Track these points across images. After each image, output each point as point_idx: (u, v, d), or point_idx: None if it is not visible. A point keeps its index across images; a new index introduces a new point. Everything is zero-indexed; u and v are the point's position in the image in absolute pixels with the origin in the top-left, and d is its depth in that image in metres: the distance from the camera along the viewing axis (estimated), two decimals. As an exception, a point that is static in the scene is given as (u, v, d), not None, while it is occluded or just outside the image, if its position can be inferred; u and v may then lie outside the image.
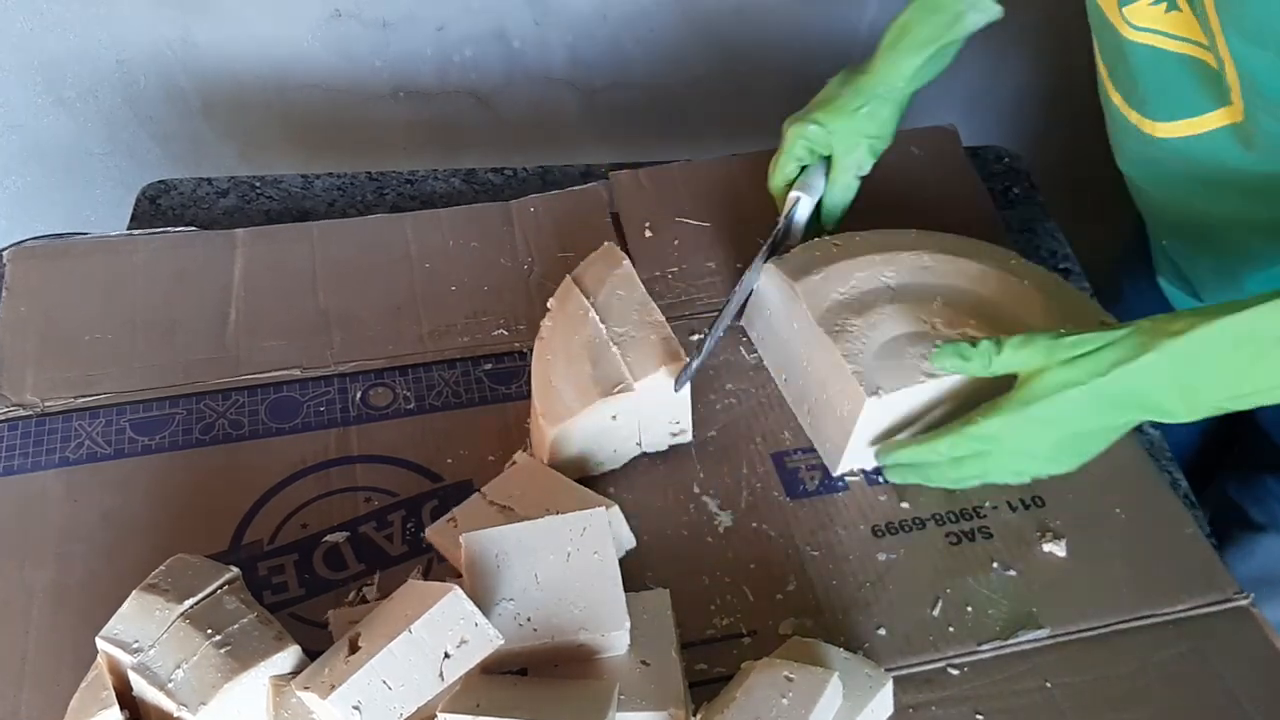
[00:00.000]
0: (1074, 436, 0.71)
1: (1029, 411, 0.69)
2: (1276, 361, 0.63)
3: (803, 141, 0.88)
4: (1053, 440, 0.71)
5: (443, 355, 0.88)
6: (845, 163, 0.89)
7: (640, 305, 0.79)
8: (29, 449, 0.79)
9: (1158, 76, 0.76)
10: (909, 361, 0.76)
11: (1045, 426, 0.70)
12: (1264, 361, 0.63)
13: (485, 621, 0.60)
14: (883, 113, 0.88)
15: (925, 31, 0.86)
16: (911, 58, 0.87)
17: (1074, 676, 0.71)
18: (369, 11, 1.22)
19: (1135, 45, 0.75)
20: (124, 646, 0.62)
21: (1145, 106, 0.79)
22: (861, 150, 0.88)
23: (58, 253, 0.92)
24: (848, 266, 0.82)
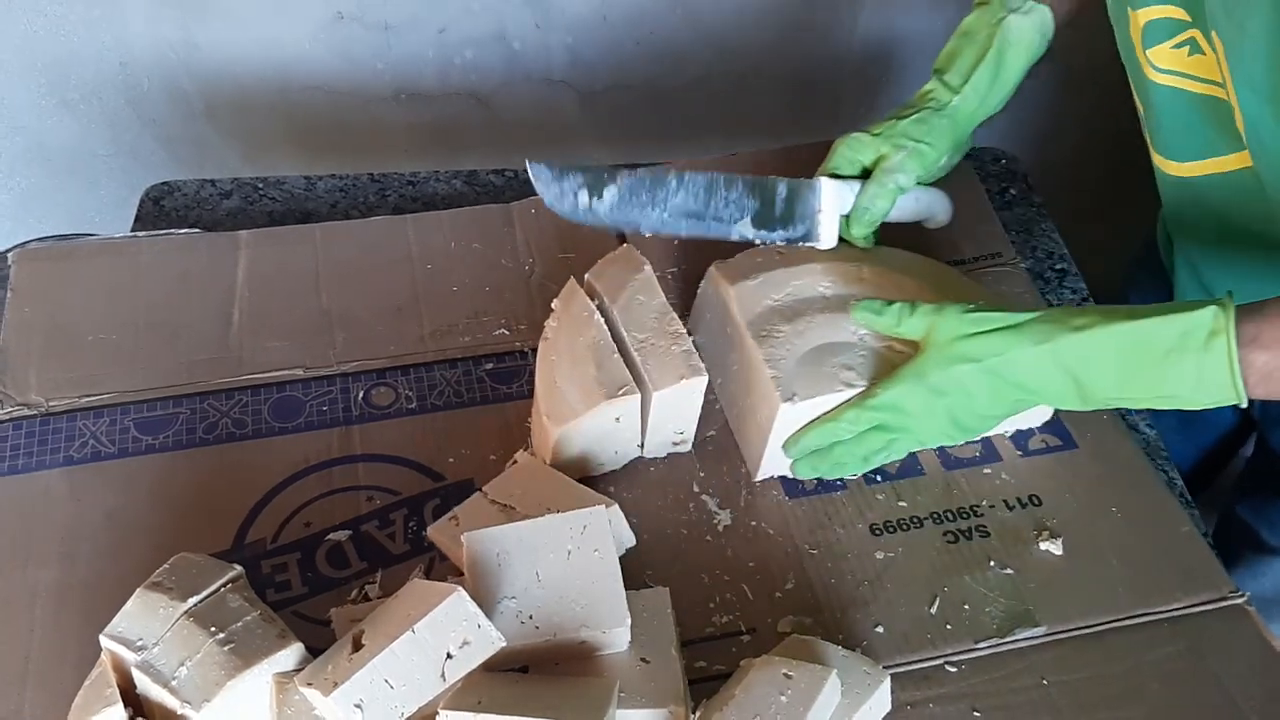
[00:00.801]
0: (968, 410, 0.72)
1: (926, 381, 0.71)
2: (1162, 373, 0.65)
3: (846, 150, 0.84)
4: (946, 410, 0.72)
5: (444, 355, 0.88)
6: (884, 166, 0.82)
7: (660, 313, 0.79)
8: (33, 448, 0.80)
9: (1177, 118, 0.76)
10: (828, 370, 0.77)
11: (939, 398, 0.72)
12: (1152, 371, 0.65)
13: (488, 623, 0.61)
14: (935, 121, 0.83)
15: (969, 47, 0.84)
16: (957, 74, 0.83)
17: (1070, 674, 0.72)
18: (371, 14, 1.23)
19: (1158, 87, 0.76)
20: (128, 644, 0.63)
21: (1166, 148, 0.80)
22: (902, 156, 0.82)
23: (62, 254, 0.93)
24: (786, 274, 0.83)
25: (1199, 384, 0.64)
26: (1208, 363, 0.63)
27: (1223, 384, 0.63)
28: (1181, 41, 0.72)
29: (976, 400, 0.71)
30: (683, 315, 0.80)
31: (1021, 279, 0.96)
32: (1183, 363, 0.64)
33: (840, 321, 0.80)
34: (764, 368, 0.76)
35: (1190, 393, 0.64)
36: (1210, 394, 0.64)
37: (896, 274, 0.85)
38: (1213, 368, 0.63)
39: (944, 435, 0.75)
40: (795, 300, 0.82)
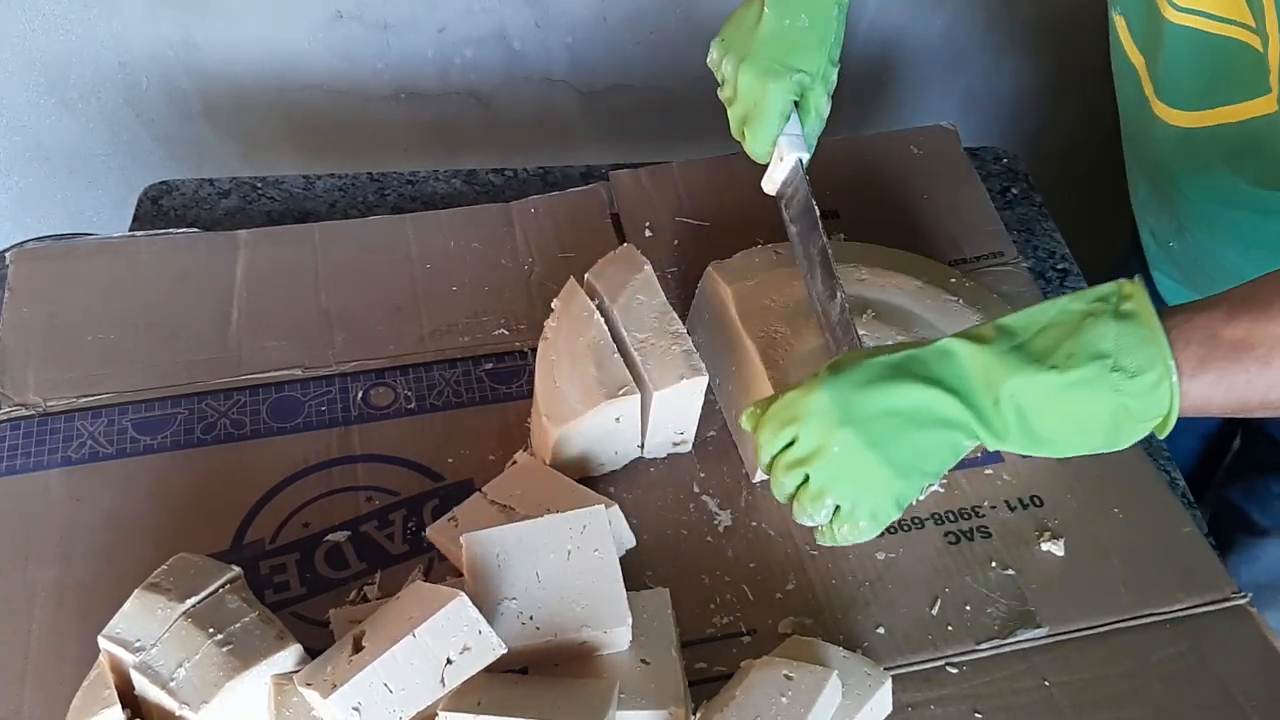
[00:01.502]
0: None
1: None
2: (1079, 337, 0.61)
3: (788, 96, 0.79)
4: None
5: (443, 355, 0.88)
6: (826, 89, 0.80)
7: (660, 313, 0.79)
8: (31, 449, 0.80)
9: (1192, 61, 0.74)
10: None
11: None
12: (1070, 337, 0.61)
13: (489, 630, 0.60)
14: (834, 15, 0.79)
15: None
16: None
17: (1072, 675, 0.72)
18: (370, 13, 1.22)
19: (1174, 27, 0.73)
20: (126, 645, 0.62)
21: (1173, 95, 0.77)
22: (833, 71, 0.80)
23: (60, 254, 0.92)
24: (784, 275, 0.82)
25: (1119, 346, 0.59)
26: (1126, 326, 0.59)
27: (1145, 347, 0.59)
28: None
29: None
30: (682, 315, 0.80)
31: (1023, 278, 0.96)
32: (1098, 324, 0.60)
33: None
34: (761, 369, 0.76)
35: (1113, 357, 0.59)
36: (1135, 356, 0.59)
37: (896, 274, 0.84)
38: (1130, 330, 0.59)
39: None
40: (793, 301, 0.81)
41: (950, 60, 1.38)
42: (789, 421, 0.65)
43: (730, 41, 0.81)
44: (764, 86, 0.78)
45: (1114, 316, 0.60)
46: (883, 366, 0.63)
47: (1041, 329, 0.61)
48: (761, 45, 0.78)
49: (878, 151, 1.06)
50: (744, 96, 0.80)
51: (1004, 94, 1.46)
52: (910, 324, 0.81)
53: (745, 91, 0.79)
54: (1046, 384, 0.60)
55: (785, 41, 0.78)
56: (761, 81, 0.78)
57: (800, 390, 0.65)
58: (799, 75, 0.78)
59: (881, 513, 0.65)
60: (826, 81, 0.80)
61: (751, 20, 0.80)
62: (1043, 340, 0.61)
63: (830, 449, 0.63)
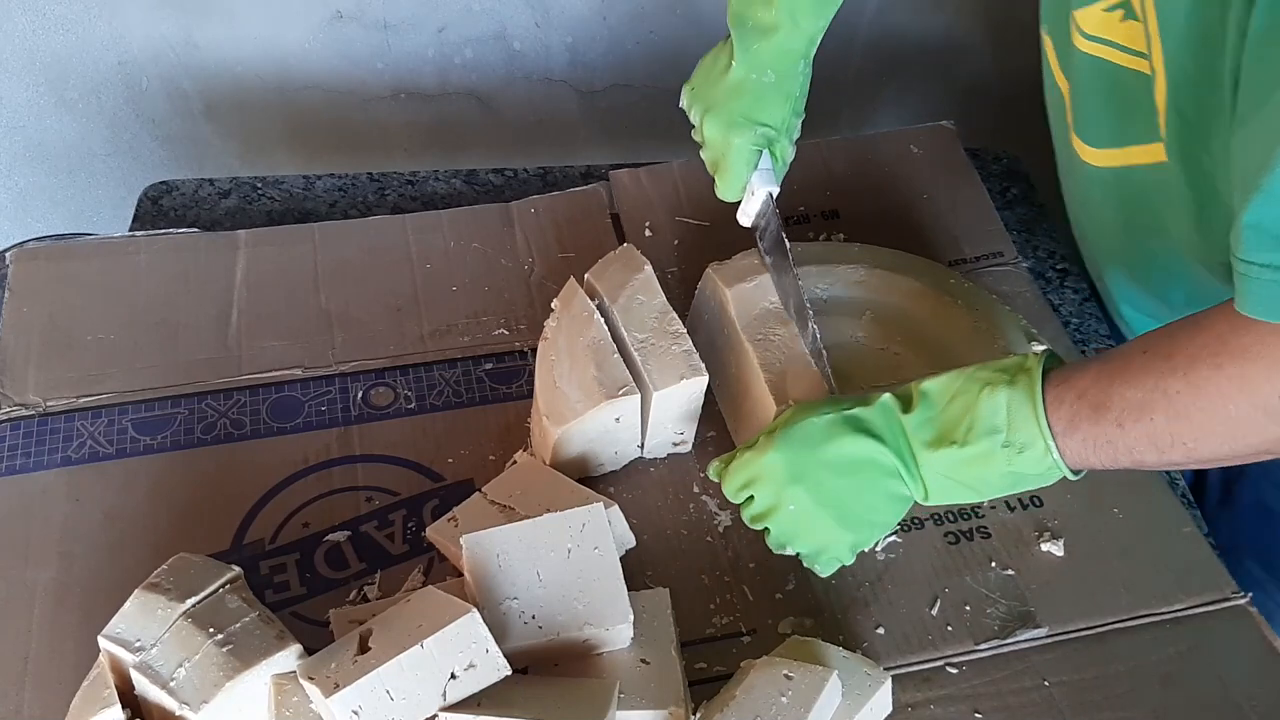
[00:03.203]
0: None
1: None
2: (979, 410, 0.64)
3: (754, 150, 0.80)
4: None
5: (443, 355, 0.88)
6: (790, 139, 0.82)
7: (660, 313, 0.79)
8: (31, 449, 0.80)
9: (1100, 95, 0.73)
10: (827, 374, 0.76)
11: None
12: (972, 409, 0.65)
13: (496, 650, 0.60)
14: (800, 70, 0.80)
15: None
16: (811, 18, 0.79)
17: (1072, 675, 0.72)
18: (370, 13, 1.22)
19: (1083, 57, 0.72)
20: (126, 645, 0.62)
21: (1086, 131, 0.75)
22: (797, 121, 0.82)
23: (60, 253, 0.92)
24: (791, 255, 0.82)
25: (1009, 420, 0.62)
26: (1016, 397, 0.62)
27: (1029, 420, 0.62)
28: (1115, 4, 0.67)
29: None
30: (682, 315, 0.80)
31: (1023, 278, 0.96)
32: (995, 395, 0.63)
33: (837, 324, 0.80)
34: (759, 371, 0.76)
35: (1004, 432, 0.63)
36: (1022, 432, 0.62)
37: (895, 275, 0.84)
38: (1019, 403, 0.62)
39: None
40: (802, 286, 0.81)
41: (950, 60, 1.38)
42: (746, 482, 0.70)
43: (699, 91, 0.83)
44: (729, 140, 0.79)
45: (1007, 386, 0.63)
46: (827, 424, 0.68)
47: (952, 397, 0.65)
48: (727, 97, 0.80)
49: (878, 151, 1.06)
50: (710, 147, 0.82)
51: (1004, 94, 1.46)
52: (909, 325, 0.82)
53: (711, 142, 0.81)
54: (949, 458, 0.65)
55: (750, 95, 0.79)
56: (726, 135, 0.79)
57: (755, 450, 0.70)
58: (763, 129, 0.79)
59: (839, 558, 0.71)
60: (790, 132, 0.82)
61: (720, 69, 0.81)
62: (951, 410, 0.65)
63: (785, 506, 0.68)
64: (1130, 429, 0.59)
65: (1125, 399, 0.59)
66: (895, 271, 0.85)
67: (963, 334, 0.81)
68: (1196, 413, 0.57)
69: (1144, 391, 0.58)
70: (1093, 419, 0.60)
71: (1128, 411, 0.59)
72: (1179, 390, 0.57)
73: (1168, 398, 0.57)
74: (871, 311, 0.81)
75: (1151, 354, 0.59)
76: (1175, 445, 0.58)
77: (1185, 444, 0.58)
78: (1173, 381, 0.57)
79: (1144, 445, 0.59)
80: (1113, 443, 0.60)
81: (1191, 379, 0.56)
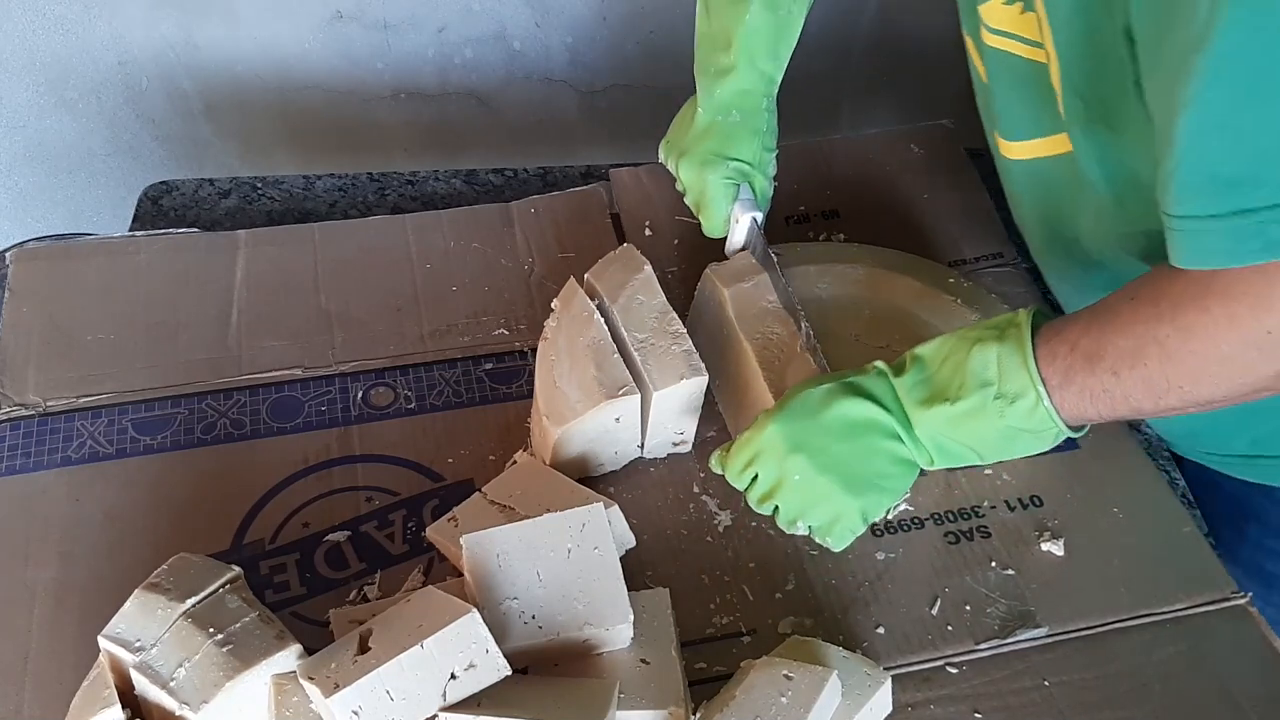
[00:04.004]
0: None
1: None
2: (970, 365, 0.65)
3: (729, 183, 0.85)
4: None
5: (443, 355, 0.88)
6: (765, 175, 0.87)
7: (660, 313, 0.79)
8: (31, 449, 0.80)
9: (1010, 88, 0.73)
10: (827, 367, 0.76)
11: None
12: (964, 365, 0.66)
13: (496, 650, 0.60)
14: (764, 108, 0.85)
15: (769, 29, 0.83)
16: (768, 60, 0.84)
17: (1072, 675, 0.71)
18: (370, 13, 1.22)
19: (990, 51, 0.72)
20: (126, 645, 0.62)
21: (1001, 124, 0.76)
22: (770, 156, 0.87)
23: (60, 253, 0.92)
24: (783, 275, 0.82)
25: (1000, 372, 0.63)
26: (1005, 350, 0.63)
27: (1019, 370, 0.63)
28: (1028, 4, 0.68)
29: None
30: (682, 315, 0.80)
31: (1022, 278, 0.96)
32: (985, 350, 0.64)
33: (837, 324, 0.80)
34: (758, 371, 0.76)
35: (996, 384, 0.64)
36: (1012, 383, 0.63)
37: (895, 275, 0.84)
38: (1009, 355, 0.63)
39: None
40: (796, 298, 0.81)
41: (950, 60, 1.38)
42: (747, 461, 0.71)
43: (673, 142, 0.89)
44: (704, 176, 0.84)
45: (997, 340, 0.64)
46: (824, 392, 0.69)
47: (944, 358, 0.66)
48: (697, 141, 0.85)
49: (878, 151, 1.06)
50: (690, 187, 0.87)
51: (1004, 94, 1.46)
52: (909, 324, 0.82)
53: (689, 182, 0.86)
54: (942, 415, 0.66)
55: (719, 135, 0.84)
56: (700, 172, 0.85)
57: (753, 429, 0.71)
58: (735, 164, 0.84)
59: (851, 527, 0.71)
60: (764, 166, 0.86)
61: (687, 120, 0.87)
62: (944, 370, 0.66)
63: (790, 478, 0.69)
64: (1125, 376, 0.60)
65: (1118, 347, 0.60)
66: (895, 271, 0.85)
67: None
68: (1189, 355, 0.57)
69: (1135, 339, 0.59)
70: (1087, 369, 0.61)
71: (1121, 359, 0.59)
72: (1169, 334, 0.57)
73: (1159, 343, 0.58)
74: (871, 311, 0.81)
75: (1139, 301, 0.60)
76: (1171, 389, 0.59)
77: (1181, 387, 0.58)
78: (1162, 327, 0.58)
79: (1140, 392, 0.60)
80: (1109, 391, 0.61)
81: (1179, 323, 0.57)
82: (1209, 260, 0.54)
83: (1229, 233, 0.52)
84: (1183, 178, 0.53)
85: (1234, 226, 0.52)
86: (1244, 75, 0.49)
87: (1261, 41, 0.48)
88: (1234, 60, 0.49)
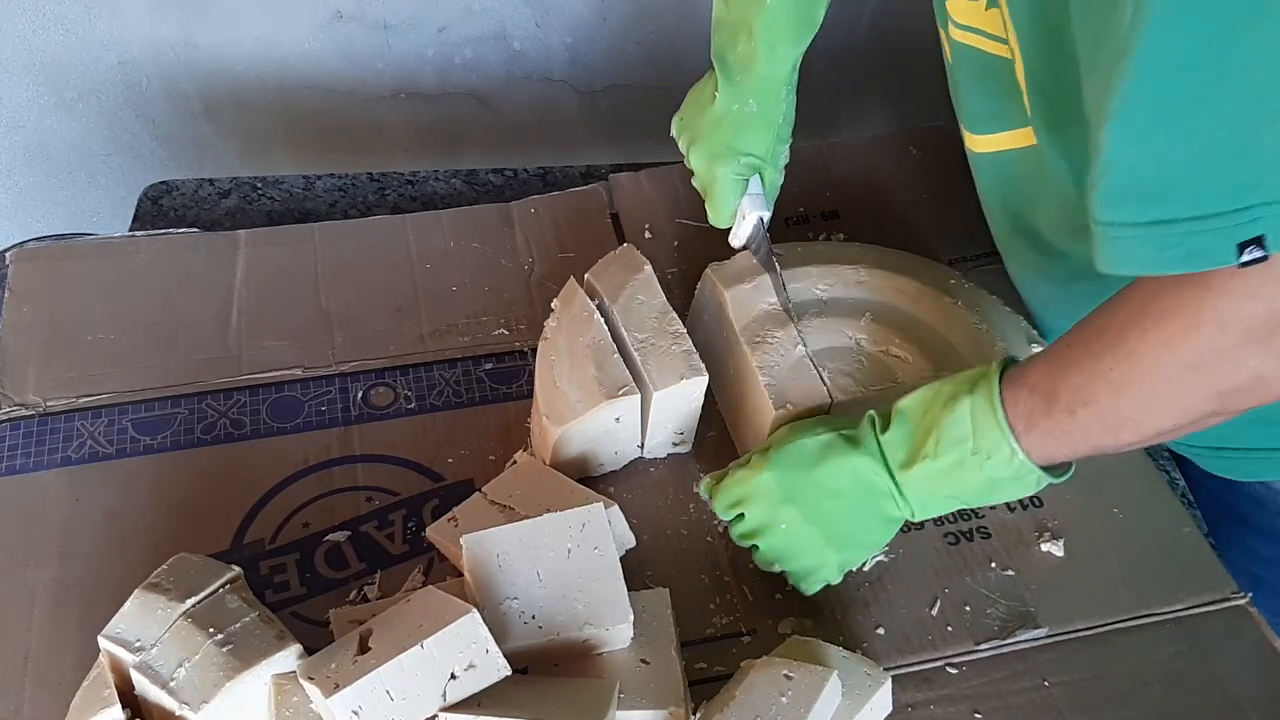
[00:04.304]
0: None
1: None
2: (945, 422, 0.65)
3: (739, 179, 0.83)
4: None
5: (443, 355, 0.88)
6: (776, 167, 0.85)
7: (660, 313, 0.79)
8: (31, 449, 0.80)
9: (976, 83, 0.74)
10: (825, 377, 0.76)
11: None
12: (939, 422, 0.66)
13: (496, 650, 0.60)
14: (783, 98, 0.83)
15: (791, 15, 0.80)
16: (789, 46, 0.81)
17: (1072, 675, 0.72)
18: (370, 13, 1.22)
19: (957, 46, 0.73)
20: (126, 645, 0.62)
21: (967, 118, 0.77)
22: (783, 148, 0.85)
23: (60, 253, 0.92)
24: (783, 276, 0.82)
25: (974, 427, 0.63)
26: (977, 403, 0.63)
27: (991, 424, 0.63)
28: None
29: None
30: (682, 316, 0.80)
31: (1022, 279, 0.96)
32: (959, 406, 0.64)
33: (837, 325, 0.80)
34: (757, 374, 0.76)
35: (971, 440, 0.64)
36: (987, 438, 0.63)
37: (894, 275, 0.84)
38: (981, 408, 0.63)
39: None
40: (792, 304, 0.81)
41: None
42: (738, 499, 0.71)
43: (687, 120, 0.86)
44: (714, 170, 0.83)
45: (969, 394, 0.64)
46: (821, 445, 0.70)
47: (924, 413, 0.66)
48: (712, 129, 0.83)
49: (878, 151, 1.06)
50: (698, 176, 0.85)
51: (1004, 94, 1.46)
52: (909, 325, 0.81)
53: (699, 172, 0.85)
54: (924, 472, 0.66)
55: (734, 125, 0.82)
56: (711, 165, 0.83)
57: (748, 469, 0.72)
58: (747, 159, 0.82)
59: (826, 578, 0.72)
60: (776, 160, 0.85)
61: (705, 99, 0.84)
62: (924, 424, 0.66)
63: (777, 525, 0.70)
64: (1080, 414, 0.60)
65: (1070, 385, 0.60)
66: (895, 271, 0.85)
67: (963, 334, 0.80)
68: (1134, 385, 0.57)
69: (1084, 375, 0.59)
70: (1046, 411, 0.61)
71: (1075, 397, 0.59)
72: (1113, 366, 0.57)
73: (1105, 377, 0.58)
74: (871, 312, 0.81)
75: (1085, 335, 0.60)
76: (1125, 424, 0.59)
77: (1133, 420, 0.59)
78: (1107, 359, 0.58)
79: (1097, 429, 0.60)
80: (1069, 432, 0.61)
81: (1121, 352, 0.57)
82: (1131, 266, 0.54)
83: (1150, 241, 0.53)
84: (1107, 185, 0.54)
85: (1155, 235, 0.52)
86: (1163, 87, 0.50)
87: (1180, 54, 0.49)
88: (1154, 72, 0.50)
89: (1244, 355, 0.53)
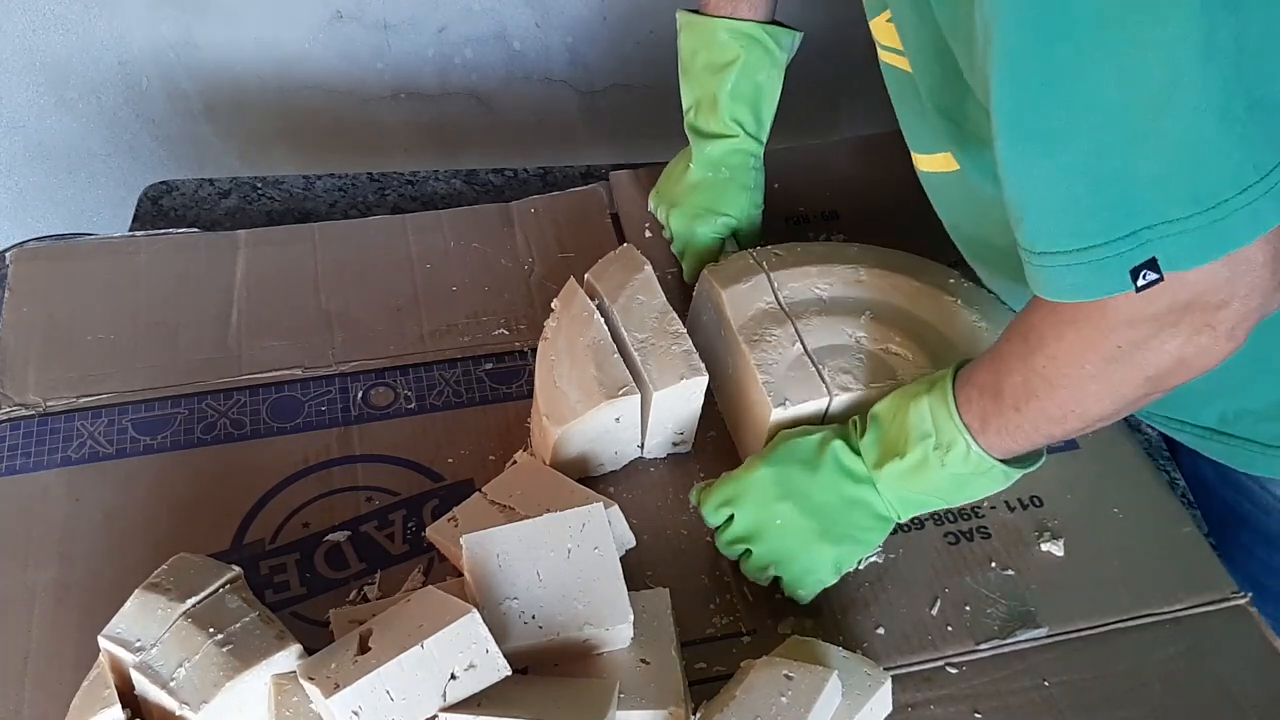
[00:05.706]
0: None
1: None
2: (909, 418, 0.67)
3: (716, 237, 0.89)
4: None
5: (443, 355, 0.88)
6: (746, 229, 0.91)
7: (660, 313, 0.79)
8: (31, 449, 0.80)
9: (902, 103, 0.75)
10: (823, 374, 0.76)
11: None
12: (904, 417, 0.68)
13: (496, 650, 0.60)
14: (752, 166, 0.90)
15: (750, 95, 0.88)
16: (753, 123, 0.89)
17: (1072, 675, 0.71)
18: (370, 13, 1.22)
19: (885, 68, 0.74)
20: (126, 645, 0.62)
21: (907, 136, 0.77)
22: (757, 212, 0.91)
23: (60, 253, 0.92)
24: (781, 276, 0.83)
25: (934, 422, 0.65)
26: (934, 401, 0.65)
27: (946, 419, 0.65)
28: (891, 15, 0.69)
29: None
30: (682, 316, 0.80)
31: (1022, 279, 0.96)
32: (920, 404, 0.66)
33: (836, 324, 0.80)
34: (756, 373, 0.76)
35: (934, 435, 0.66)
36: (945, 431, 0.65)
37: (895, 275, 0.84)
38: (937, 405, 0.65)
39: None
40: (791, 303, 0.81)
41: (950, 60, 1.38)
42: (729, 498, 0.72)
43: (664, 193, 0.94)
44: (692, 229, 0.89)
45: (928, 393, 0.66)
46: (815, 443, 0.71)
47: (893, 415, 0.69)
48: (688, 194, 0.90)
49: (878, 151, 1.06)
50: (678, 238, 0.92)
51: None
52: (909, 324, 0.81)
53: (678, 234, 0.91)
54: (895, 471, 0.68)
55: (710, 191, 0.89)
56: (689, 225, 0.89)
57: (742, 469, 0.73)
58: (724, 219, 0.89)
59: (822, 579, 0.72)
60: (752, 220, 0.91)
61: (679, 173, 0.92)
62: (893, 427, 0.68)
63: (772, 523, 0.70)
64: (1025, 410, 0.61)
65: (1012, 384, 0.61)
66: (895, 271, 0.85)
67: (963, 334, 0.80)
68: (1065, 381, 0.58)
69: (1022, 374, 0.60)
70: (995, 409, 0.63)
71: (1017, 395, 0.61)
72: (1044, 364, 0.59)
73: (1040, 374, 0.59)
74: (871, 311, 0.81)
75: (1017, 336, 0.61)
76: (1067, 415, 0.60)
77: (1073, 411, 0.60)
78: (1037, 359, 0.59)
79: (1043, 421, 0.61)
80: (1020, 426, 0.62)
81: (1048, 353, 0.58)
82: (1037, 289, 0.56)
83: (1043, 269, 0.54)
84: (1009, 211, 0.55)
85: (1047, 265, 0.54)
86: (1021, 122, 0.51)
87: (1030, 88, 0.50)
88: (1009, 108, 0.51)
89: (1159, 344, 0.54)
